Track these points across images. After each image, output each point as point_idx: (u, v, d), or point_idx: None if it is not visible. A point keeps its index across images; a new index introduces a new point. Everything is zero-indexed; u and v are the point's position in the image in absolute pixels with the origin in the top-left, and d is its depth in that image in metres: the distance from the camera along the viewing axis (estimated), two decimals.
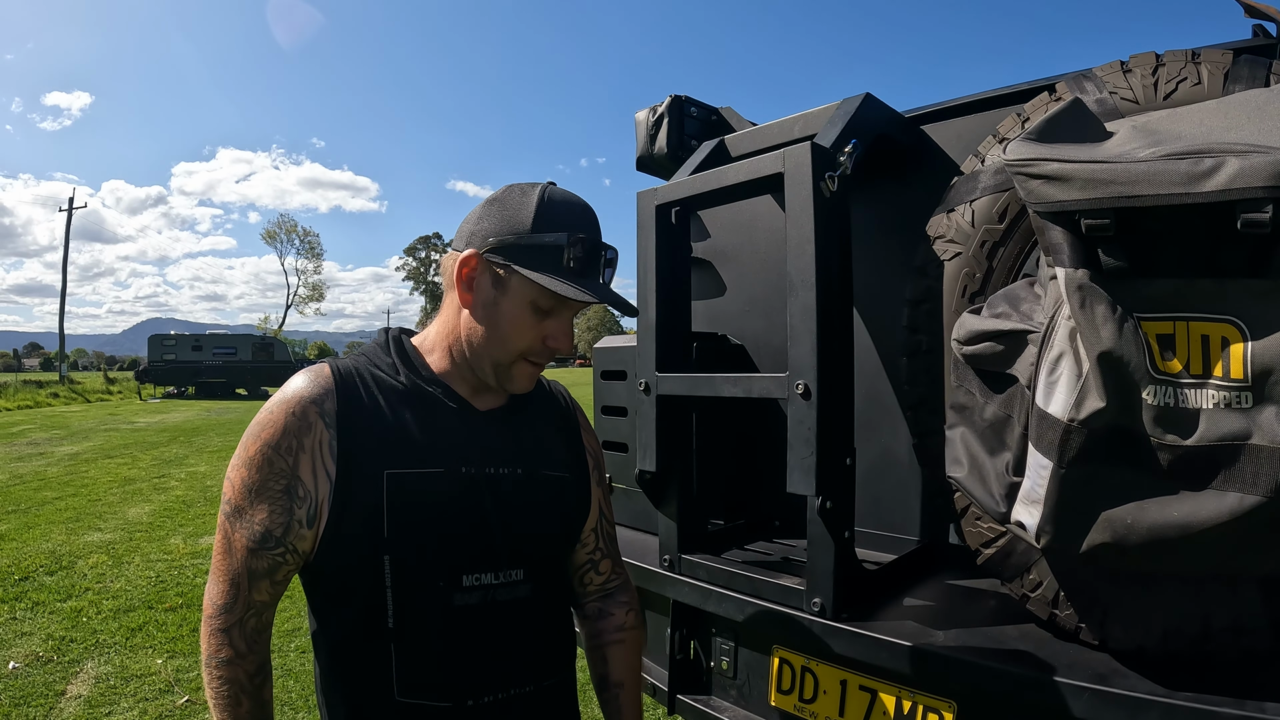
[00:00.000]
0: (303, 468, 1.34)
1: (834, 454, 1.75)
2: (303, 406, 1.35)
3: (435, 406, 1.44)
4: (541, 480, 1.53)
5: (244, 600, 1.38)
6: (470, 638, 1.42)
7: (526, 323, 1.41)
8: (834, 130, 1.86)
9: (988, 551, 1.74)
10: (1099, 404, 1.27)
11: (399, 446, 1.38)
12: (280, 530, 1.34)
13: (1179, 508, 1.24)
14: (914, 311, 1.85)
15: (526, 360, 1.45)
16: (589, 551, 1.71)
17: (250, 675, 1.40)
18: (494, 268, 1.38)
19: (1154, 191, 1.19)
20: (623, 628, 1.74)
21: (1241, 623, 1.41)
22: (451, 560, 1.40)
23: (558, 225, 1.38)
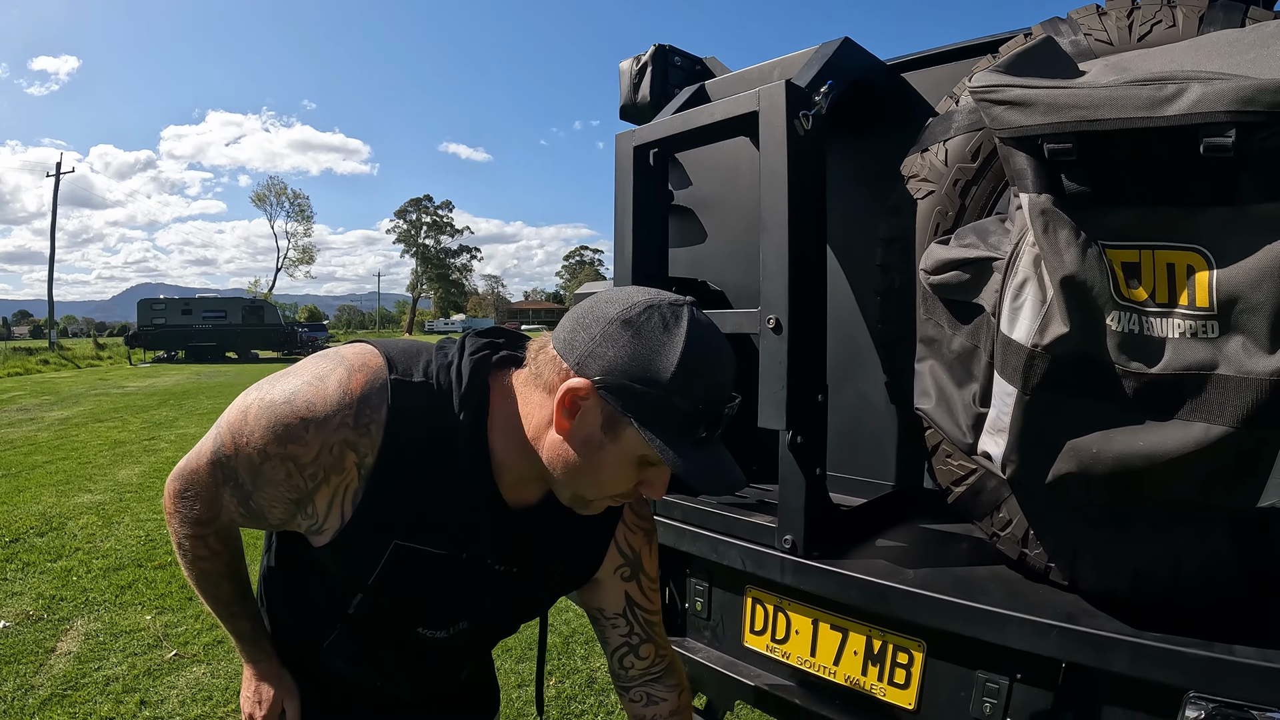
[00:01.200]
0: (320, 497, 1.24)
1: (805, 389, 1.76)
2: (341, 449, 1.20)
3: (473, 497, 1.28)
4: (537, 573, 1.45)
5: (223, 518, 1.35)
6: (403, 661, 1.50)
7: (628, 474, 1.21)
8: (810, 71, 1.86)
9: (958, 490, 1.76)
10: (1062, 329, 1.27)
11: (418, 523, 1.27)
12: (278, 522, 1.31)
13: (1145, 437, 1.24)
14: (887, 250, 1.86)
15: (614, 497, 1.27)
16: (623, 635, 1.60)
17: (228, 564, 1.44)
18: (608, 409, 1.15)
19: (1116, 115, 1.19)
20: (676, 711, 1.66)
21: (1212, 567, 1.41)
22: (414, 621, 1.41)
23: (696, 390, 1.13)
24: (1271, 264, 1.12)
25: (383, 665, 1.50)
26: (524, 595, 1.49)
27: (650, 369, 1.12)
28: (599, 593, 1.57)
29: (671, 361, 1.11)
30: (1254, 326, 1.14)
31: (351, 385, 1.21)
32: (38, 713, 3.73)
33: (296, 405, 1.19)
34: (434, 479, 1.25)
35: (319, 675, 1.55)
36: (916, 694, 1.74)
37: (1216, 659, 1.28)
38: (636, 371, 1.12)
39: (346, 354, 1.28)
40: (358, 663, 1.50)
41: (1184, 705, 1.32)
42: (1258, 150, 1.12)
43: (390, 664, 1.50)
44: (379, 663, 1.50)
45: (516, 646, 4.51)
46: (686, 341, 1.12)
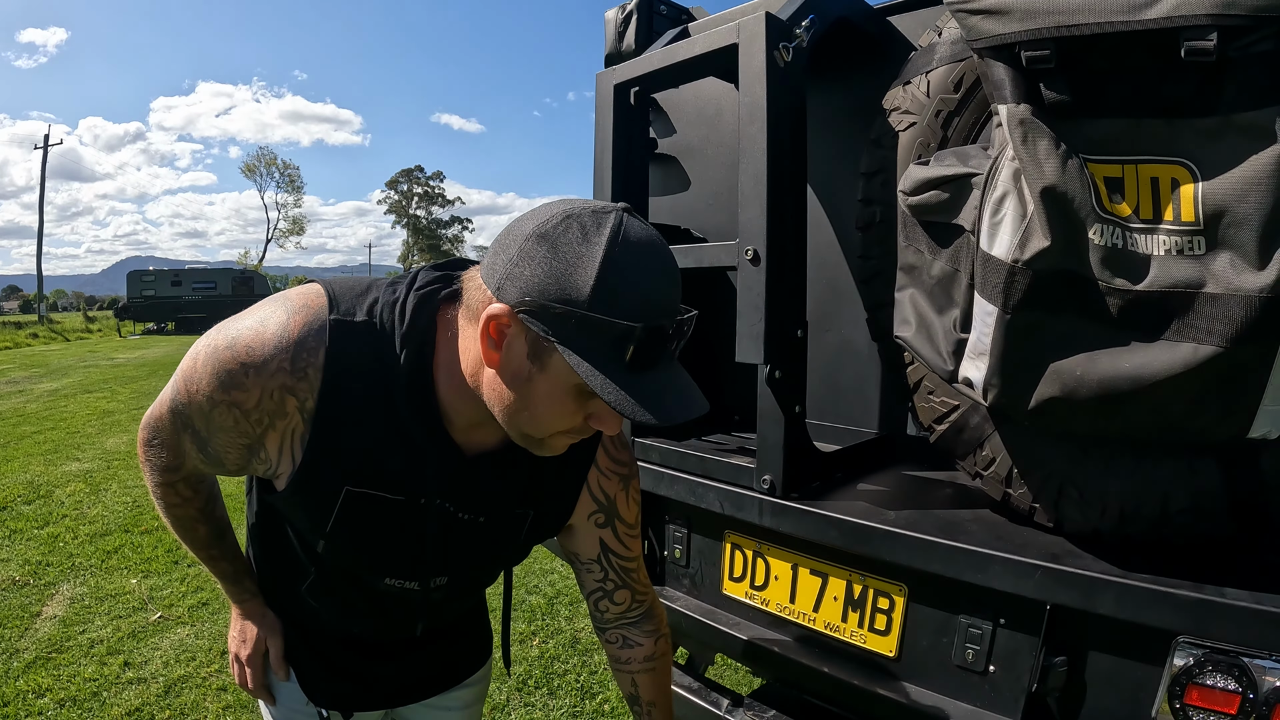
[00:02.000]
0: (269, 441, 1.20)
1: (784, 323, 1.73)
2: (280, 394, 1.15)
3: (422, 441, 1.22)
4: (501, 521, 1.39)
5: (187, 468, 1.35)
6: (375, 608, 1.48)
7: (568, 407, 1.09)
8: (792, 6, 1.82)
9: (940, 428, 1.73)
10: (1044, 243, 1.23)
11: (368, 468, 1.22)
12: (234, 466, 1.28)
13: (1130, 359, 1.21)
14: (868, 183, 1.82)
15: (563, 434, 1.15)
16: (598, 580, 1.58)
17: (200, 508, 1.45)
18: (532, 334, 1.03)
19: (1093, 20, 1.16)
20: (652, 658, 1.65)
21: (1201, 504, 1.38)
22: (379, 569, 1.38)
23: (624, 305, 0.99)
24: (1258, 174, 1.09)
25: (360, 612, 1.50)
26: (495, 544, 1.43)
27: (567, 285, 0.99)
28: (573, 538, 1.53)
29: (590, 275, 0.99)
30: (1242, 241, 1.11)
31: (290, 327, 1.15)
32: (22, 675, 3.73)
33: (237, 350, 1.14)
34: (379, 423, 1.20)
35: (305, 623, 1.56)
36: (898, 641, 1.71)
37: (1207, 601, 1.26)
38: (554, 290, 1.00)
39: (291, 295, 1.21)
40: (337, 609, 1.49)
41: (1173, 651, 1.30)
42: (1240, 56, 1.10)
43: (367, 611, 1.49)
44: (356, 610, 1.49)
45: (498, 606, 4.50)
46: (608, 251, 1.00)
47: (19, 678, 3.71)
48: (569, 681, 3.80)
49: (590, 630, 4.23)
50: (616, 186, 2.06)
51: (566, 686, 3.76)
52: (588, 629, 4.26)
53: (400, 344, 1.17)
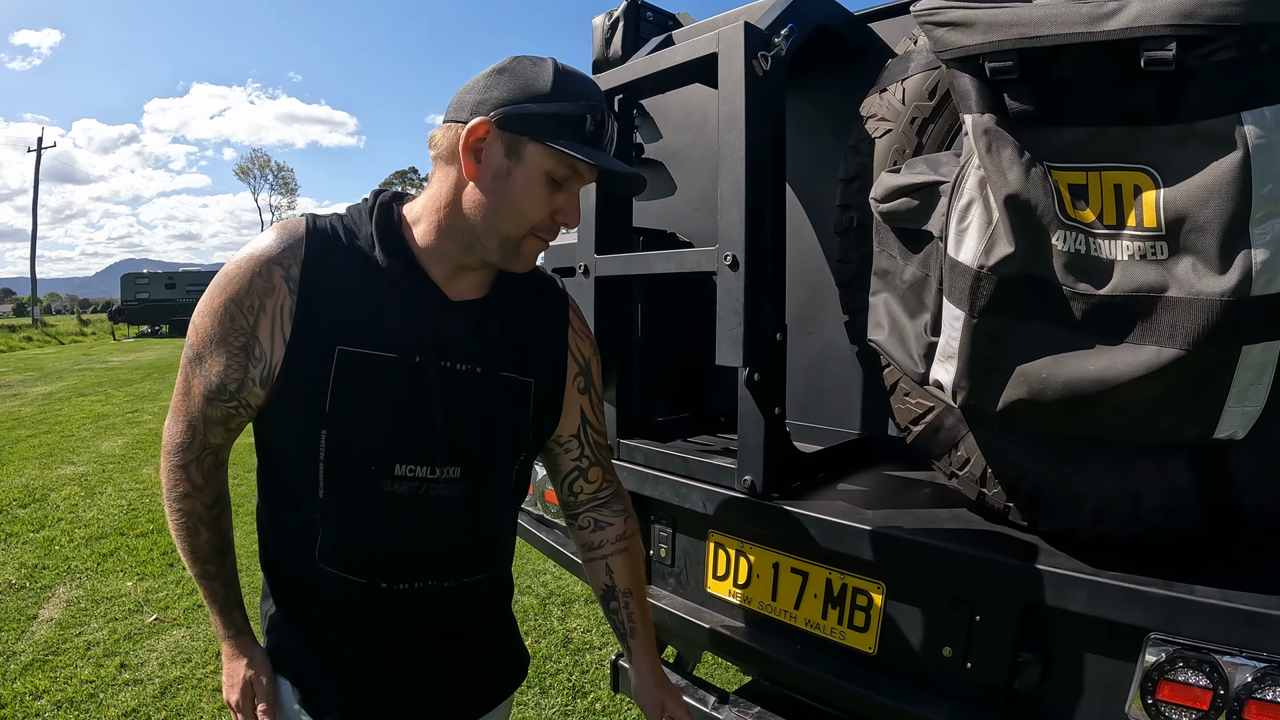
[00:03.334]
0: (261, 328, 1.31)
1: (763, 327, 1.76)
2: (268, 267, 1.31)
3: (405, 289, 1.37)
4: (500, 381, 1.47)
5: (200, 441, 1.40)
6: (394, 526, 1.42)
7: (540, 194, 1.33)
8: (771, 15, 1.85)
9: (916, 429, 1.76)
10: (1008, 249, 1.26)
11: (357, 324, 1.34)
12: (235, 385, 1.34)
13: (1095, 362, 1.24)
14: (846, 189, 1.85)
15: (535, 236, 1.37)
16: (574, 459, 1.68)
17: (208, 506, 1.45)
18: (507, 137, 1.29)
19: (1055, 31, 1.18)
20: (623, 536, 1.74)
21: (1173, 503, 1.41)
22: (386, 447, 1.37)
23: (577, 94, 1.31)
24: (1218, 181, 1.11)
25: (379, 539, 1.43)
26: (499, 411, 1.48)
27: (533, 88, 1.29)
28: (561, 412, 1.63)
29: (547, 78, 1.29)
30: (1203, 246, 1.13)
31: (271, 229, 1.37)
32: (19, 678, 3.75)
33: (228, 266, 1.33)
34: (363, 278, 1.35)
35: (321, 624, 1.48)
36: (876, 637, 1.74)
37: (1177, 598, 1.28)
38: (522, 95, 1.29)
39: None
40: (353, 550, 1.42)
41: (1144, 647, 1.32)
42: (1201, 65, 1.12)
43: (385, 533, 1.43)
44: (374, 537, 1.42)
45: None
46: (555, 66, 1.31)
47: (16, 680, 3.73)
48: (560, 681, 3.83)
49: (582, 630, 4.25)
50: (600, 191, 2.08)
51: (558, 686, 3.79)
52: (579, 629, 4.28)
53: (369, 208, 1.41)
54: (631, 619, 1.73)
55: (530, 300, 1.55)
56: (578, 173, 1.34)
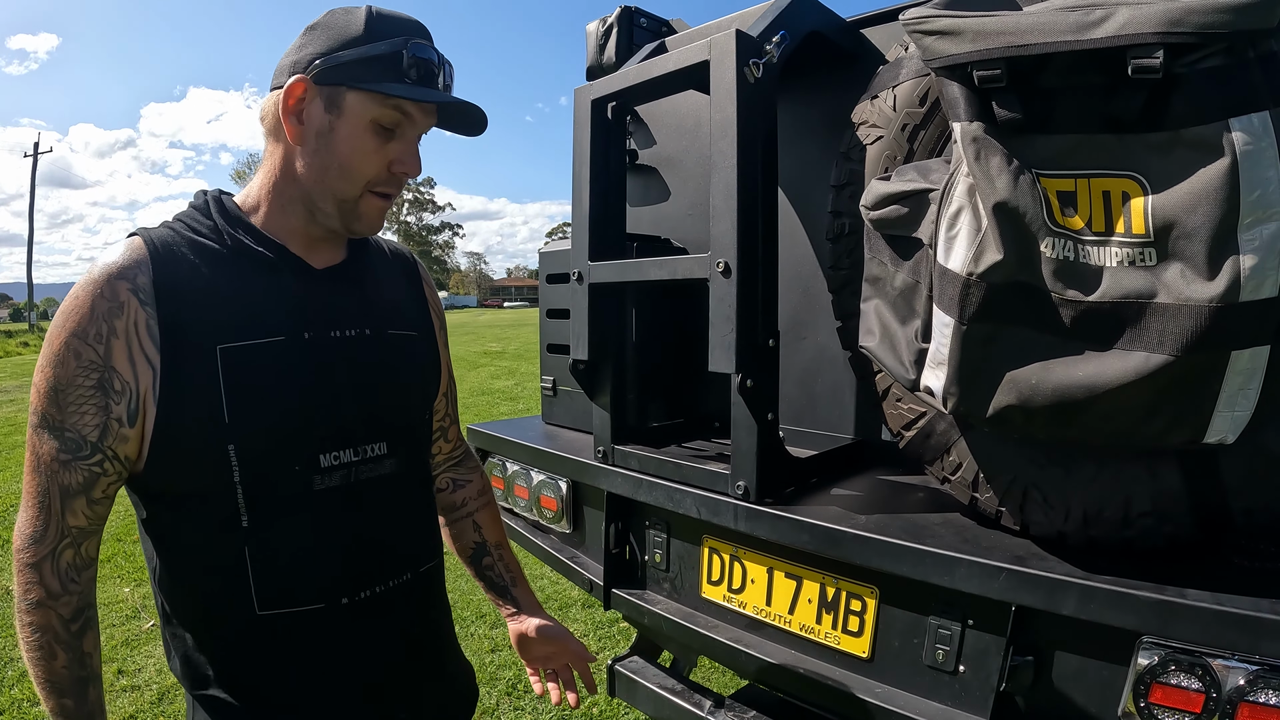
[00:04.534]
0: (116, 355, 1.15)
1: (755, 333, 1.76)
2: (111, 284, 1.16)
3: (268, 268, 1.27)
4: (392, 340, 1.41)
5: (56, 528, 1.19)
6: (336, 525, 1.30)
7: (369, 146, 1.25)
8: (762, 22, 1.85)
9: (908, 434, 1.77)
10: (997, 256, 1.27)
11: (231, 317, 1.21)
12: (95, 433, 1.16)
13: (1084, 368, 1.24)
14: (838, 195, 1.86)
15: (374, 193, 1.29)
16: (439, 419, 1.65)
17: (66, 621, 1.20)
18: (325, 91, 1.23)
19: (1042, 40, 1.19)
20: (484, 490, 1.76)
21: (1163, 507, 1.41)
22: (304, 438, 1.26)
23: (393, 31, 1.24)
24: (1206, 187, 1.12)
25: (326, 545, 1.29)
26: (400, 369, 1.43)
27: (346, 35, 1.23)
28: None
29: (359, 22, 1.23)
30: (1191, 252, 1.14)
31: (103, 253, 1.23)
32: (17, 684, 3.77)
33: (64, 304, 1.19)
34: (222, 270, 1.24)
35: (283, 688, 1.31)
36: (870, 641, 1.74)
37: (1168, 602, 1.28)
38: (336, 44, 1.23)
39: None
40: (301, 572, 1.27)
41: (1136, 651, 1.33)
42: (1188, 73, 1.13)
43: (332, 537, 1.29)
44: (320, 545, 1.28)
45: (491, 613, 4.54)
46: (368, 9, 1.25)
47: (14, 686, 3.74)
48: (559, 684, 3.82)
49: (579, 635, 4.24)
50: (594, 199, 2.09)
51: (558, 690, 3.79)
52: (576, 633, 4.26)
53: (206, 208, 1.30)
54: (509, 569, 1.72)
55: (382, 258, 1.51)
56: (407, 115, 1.27)
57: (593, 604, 4.60)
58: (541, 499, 2.55)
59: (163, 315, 1.17)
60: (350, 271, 1.40)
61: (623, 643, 4.11)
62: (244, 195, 1.34)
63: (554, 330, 2.77)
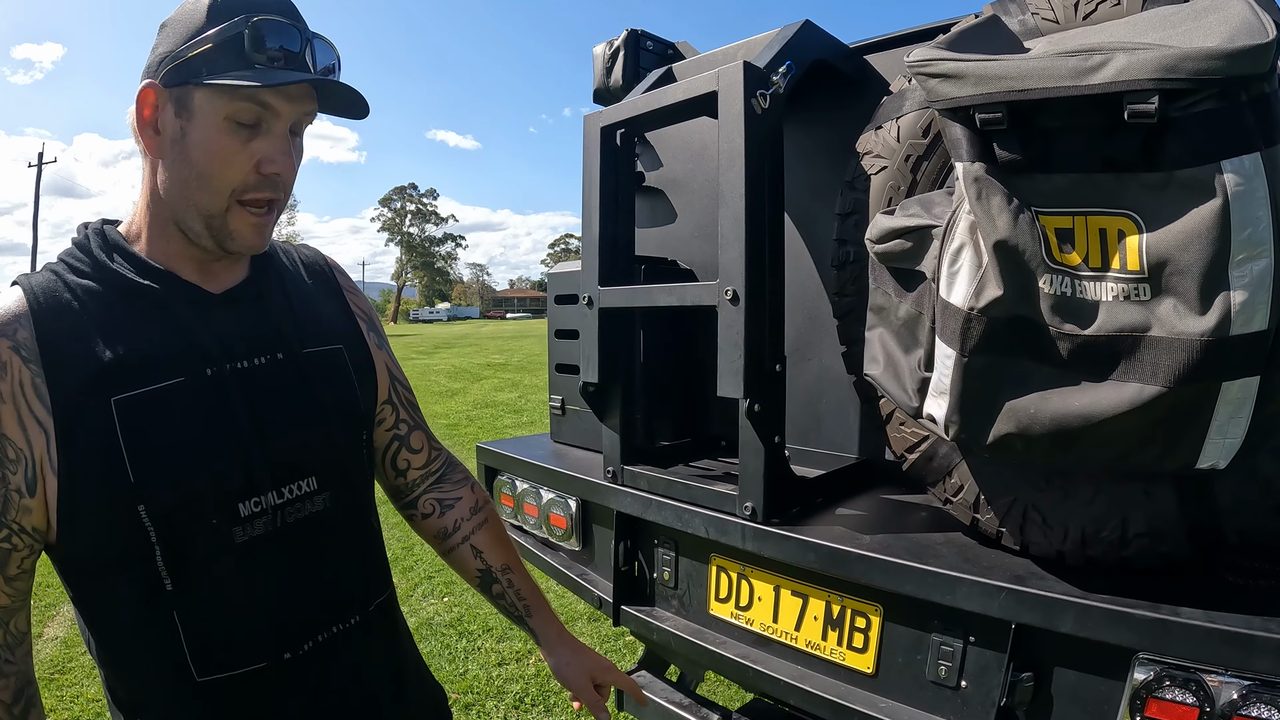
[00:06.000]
0: (5, 422, 1.04)
1: (763, 359, 1.80)
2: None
3: (159, 302, 1.15)
4: (309, 360, 1.28)
5: None
6: (267, 576, 1.20)
7: (228, 147, 1.10)
8: (769, 53, 1.90)
9: (911, 457, 1.81)
10: (997, 292, 1.31)
11: (122, 364, 1.09)
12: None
13: (1081, 398, 1.28)
14: (843, 224, 1.90)
15: (243, 204, 1.14)
16: (390, 427, 1.49)
17: (8, 706, 1.12)
18: (175, 94, 1.09)
19: (1042, 85, 1.23)
20: (478, 508, 1.58)
21: (1158, 528, 1.45)
22: (218, 488, 1.15)
23: (235, 11, 1.09)
24: (1198, 226, 1.16)
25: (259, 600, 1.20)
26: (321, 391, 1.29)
27: (186, 31, 1.09)
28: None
29: (202, 10, 1.09)
30: (1184, 288, 1.18)
31: None
32: None
33: None
34: (110, 311, 1.12)
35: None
36: (875, 658, 1.78)
37: (1163, 620, 1.31)
38: (179, 40, 1.09)
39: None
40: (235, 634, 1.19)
41: (1133, 667, 1.36)
42: (1182, 116, 1.16)
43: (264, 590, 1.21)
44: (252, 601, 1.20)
45: (498, 626, 4.55)
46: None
47: None
48: (564, 699, 3.84)
49: None
50: (604, 221, 2.13)
51: (563, 704, 3.81)
52: None
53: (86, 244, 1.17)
54: (521, 596, 1.57)
55: (291, 269, 1.38)
56: (266, 106, 1.11)
57: (598, 618, 4.62)
58: (551, 517, 2.59)
59: (49, 372, 1.06)
60: (252, 290, 1.27)
61: (629, 657, 4.13)
62: (126, 223, 1.21)
63: (563, 350, 2.81)
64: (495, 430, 11.03)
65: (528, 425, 11.36)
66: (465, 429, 11.16)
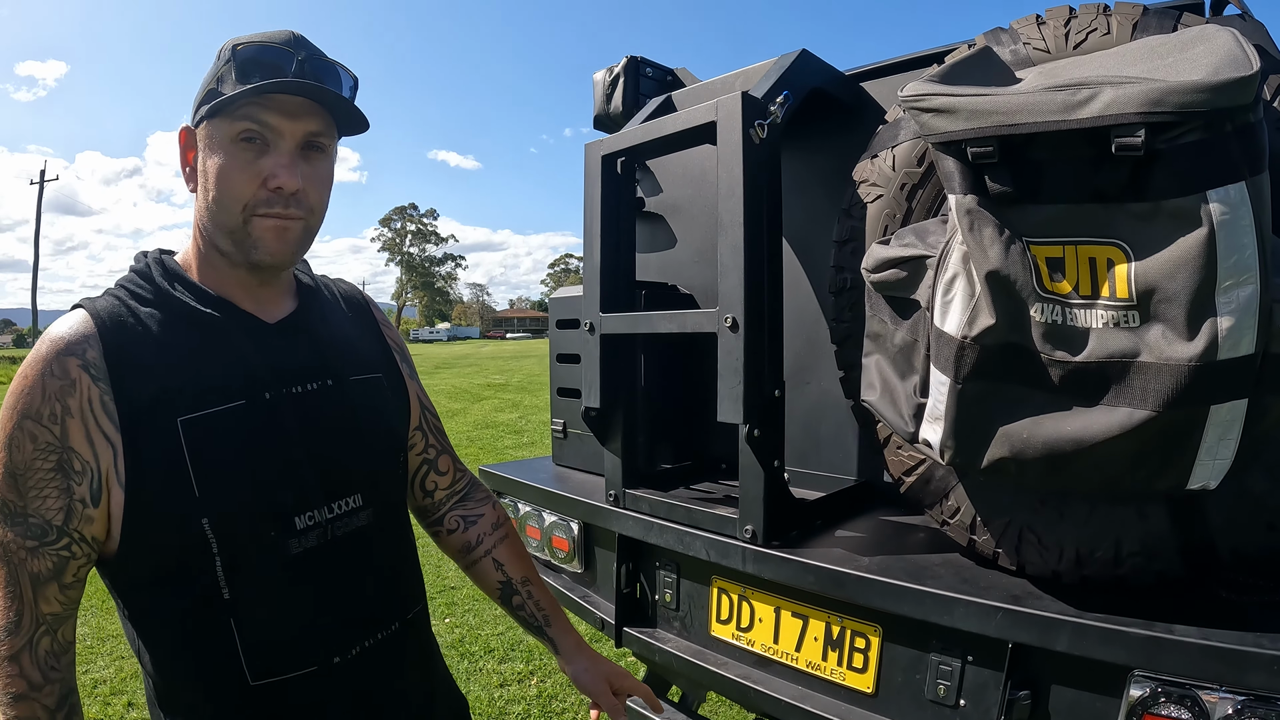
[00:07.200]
0: (73, 435, 1.11)
1: (762, 385, 1.83)
2: (60, 362, 1.12)
3: (219, 329, 1.23)
4: (354, 387, 1.37)
5: (31, 616, 1.14)
6: (319, 585, 1.27)
7: (236, 164, 1.18)
8: (767, 83, 1.93)
9: (909, 480, 1.84)
10: (989, 321, 1.34)
11: (187, 386, 1.17)
12: (60, 517, 1.12)
13: (1072, 423, 1.31)
14: (840, 251, 1.93)
15: (259, 216, 1.21)
16: (420, 452, 1.59)
17: (51, 711, 1.16)
18: (200, 132, 1.21)
19: (1032, 119, 1.26)
20: (499, 524, 1.67)
21: (1152, 548, 1.48)
22: (278, 503, 1.23)
23: (250, 50, 1.20)
24: (1185, 255, 1.19)
25: (311, 606, 1.27)
26: (363, 416, 1.38)
27: (208, 75, 1.22)
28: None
29: (225, 55, 1.20)
30: (1172, 315, 1.21)
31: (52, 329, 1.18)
32: None
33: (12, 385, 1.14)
34: (173, 337, 1.20)
35: None
36: (874, 678, 1.80)
37: (1157, 638, 1.33)
38: (201, 87, 1.22)
39: None
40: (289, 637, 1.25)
41: (1128, 684, 1.38)
42: (1168, 148, 1.19)
43: (317, 598, 1.28)
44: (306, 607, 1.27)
45: (499, 648, 4.56)
46: (235, 40, 1.22)
47: None
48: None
49: None
50: (605, 247, 2.16)
51: None
52: None
53: (147, 272, 1.27)
54: (540, 607, 1.64)
55: (334, 302, 1.47)
56: (265, 124, 1.19)
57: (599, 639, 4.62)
58: (553, 539, 2.61)
59: (117, 390, 1.13)
60: (303, 321, 1.36)
61: None
62: (181, 254, 1.32)
63: (564, 374, 2.83)
64: (496, 451, 11.02)
65: (528, 446, 11.34)
66: (466, 450, 11.14)
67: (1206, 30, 1.30)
